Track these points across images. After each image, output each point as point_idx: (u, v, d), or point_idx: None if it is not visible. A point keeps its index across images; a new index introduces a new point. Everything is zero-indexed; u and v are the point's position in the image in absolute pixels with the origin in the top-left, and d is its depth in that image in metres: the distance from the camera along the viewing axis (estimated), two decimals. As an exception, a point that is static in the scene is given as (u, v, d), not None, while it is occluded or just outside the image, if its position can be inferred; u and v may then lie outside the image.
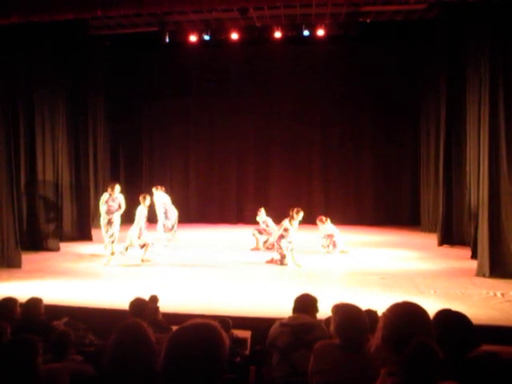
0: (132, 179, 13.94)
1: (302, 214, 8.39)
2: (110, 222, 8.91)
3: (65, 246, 10.02)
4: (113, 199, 9.00)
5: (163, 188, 10.35)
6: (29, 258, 8.56)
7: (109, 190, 9.08)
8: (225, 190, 14.15)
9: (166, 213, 10.02)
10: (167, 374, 1.52)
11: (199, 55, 13.09)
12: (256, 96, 13.69)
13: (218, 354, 1.52)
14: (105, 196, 9.04)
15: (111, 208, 8.96)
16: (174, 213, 10.20)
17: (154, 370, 1.98)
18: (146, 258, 8.61)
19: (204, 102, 13.80)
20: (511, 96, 7.27)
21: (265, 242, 9.77)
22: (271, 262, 8.51)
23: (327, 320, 3.58)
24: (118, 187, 9.13)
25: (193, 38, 11.18)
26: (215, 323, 1.60)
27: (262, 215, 9.99)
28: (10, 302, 4.28)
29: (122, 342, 2.11)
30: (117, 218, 9.02)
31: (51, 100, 10.30)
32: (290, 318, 3.46)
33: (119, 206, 9.03)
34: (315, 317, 3.63)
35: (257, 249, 9.75)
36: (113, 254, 8.76)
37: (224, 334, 1.57)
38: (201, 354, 1.49)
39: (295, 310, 3.60)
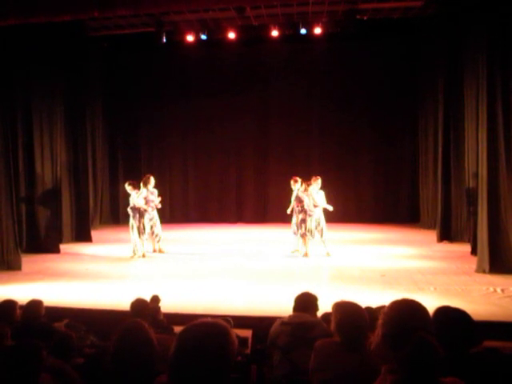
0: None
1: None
2: (151, 220, 8.96)
3: (65, 248, 10.01)
4: (151, 193, 8.97)
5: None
6: (29, 260, 8.56)
7: (143, 184, 8.95)
8: (224, 190, 14.15)
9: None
10: (176, 371, 1.52)
11: (197, 55, 13.06)
12: (254, 94, 13.68)
13: (227, 352, 1.53)
14: (143, 192, 8.92)
15: (152, 204, 8.94)
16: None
17: (155, 371, 1.99)
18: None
19: (202, 101, 13.78)
20: (509, 92, 7.27)
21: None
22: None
23: (324, 316, 3.59)
24: (152, 179, 9.10)
25: (190, 38, 11.18)
26: (224, 322, 1.61)
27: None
28: (9, 305, 4.28)
29: (123, 342, 2.12)
30: (156, 214, 9.11)
31: (49, 102, 10.28)
32: (290, 316, 3.47)
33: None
34: (316, 315, 3.63)
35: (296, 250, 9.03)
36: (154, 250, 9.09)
37: (233, 334, 1.58)
38: (210, 352, 1.50)
39: (296, 308, 3.60)
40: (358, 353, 2.56)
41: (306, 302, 3.60)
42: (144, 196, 8.93)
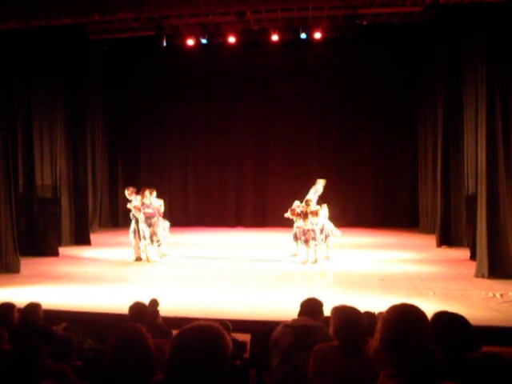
0: (130, 184, 13.90)
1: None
2: (150, 226, 8.98)
3: (63, 251, 9.99)
4: (147, 206, 8.96)
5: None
6: (27, 263, 8.54)
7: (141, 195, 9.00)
8: (223, 194, 14.15)
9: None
10: (172, 375, 1.51)
11: (197, 59, 13.11)
12: (254, 98, 13.70)
13: (221, 354, 1.52)
14: (133, 201, 8.99)
15: (146, 214, 8.95)
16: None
17: (153, 375, 1.98)
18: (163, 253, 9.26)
19: (202, 105, 13.81)
20: (508, 99, 7.29)
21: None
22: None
23: (324, 320, 3.59)
24: (147, 193, 9.04)
25: (190, 42, 11.21)
26: (218, 325, 1.60)
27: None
28: (7, 307, 4.26)
29: (120, 346, 2.11)
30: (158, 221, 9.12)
31: (49, 104, 10.30)
32: (293, 320, 3.48)
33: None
34: (320, 320, 3.62)
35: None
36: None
37: (227, 336, 1.58)
38: (204, 355, 1.49)
39: (301, 313, 3.60)
40: (356, 357, 2.56)
41: (311, 308, 3.60)
42: (134, 205, 8.94)
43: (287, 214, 9.02)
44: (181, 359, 1.49)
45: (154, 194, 9.16)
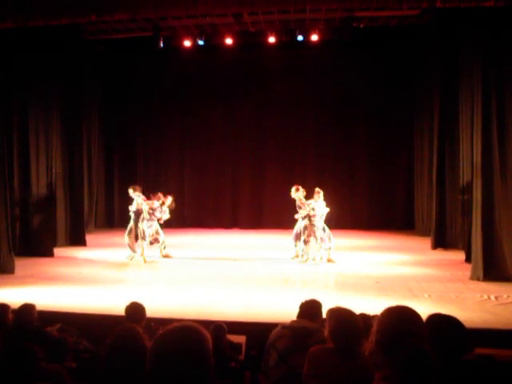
0: (127, 185, 13.87)
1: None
2: (150, 227, 9.08)
3: (58, 252, 9.96)
4: (160, 211, 9.11)
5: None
6: (22, 264, 8.50)
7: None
8: (220, 195, 14.14)
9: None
10: (153, 379, 1.51)
11: (194, 60, 13.10)
12: (251, 100, 13.71)
13: (202, 356, 1.51)
14: (154, 203, 9.14)
15: (154, 216, 9.09)
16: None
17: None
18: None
19: (199, 106, 13.81)
20: (504, 101, 7.33)
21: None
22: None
23: (323, 322, 3.59)
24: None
25: (187, 43, 11.21)
26: (197, 325, 1.60)
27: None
28: (1, 308, 4.24)
29: (116, 347, 2.11)
30: (155, 223, 9.20)
31: (46, 104, 10.26)
32: (292, 321, 3.48)
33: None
34: (320, 322, 3.62)
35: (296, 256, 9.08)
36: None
37: (207, 336, 1.57)
38: (184, 357, 1.48)
39: (300, 315, 3.60)
40: (351, 359, 2.56)
41: (310, 310, 3.60)
42: (151, 206, 8.99)
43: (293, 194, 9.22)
44: (161, 362, 1.48)
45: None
